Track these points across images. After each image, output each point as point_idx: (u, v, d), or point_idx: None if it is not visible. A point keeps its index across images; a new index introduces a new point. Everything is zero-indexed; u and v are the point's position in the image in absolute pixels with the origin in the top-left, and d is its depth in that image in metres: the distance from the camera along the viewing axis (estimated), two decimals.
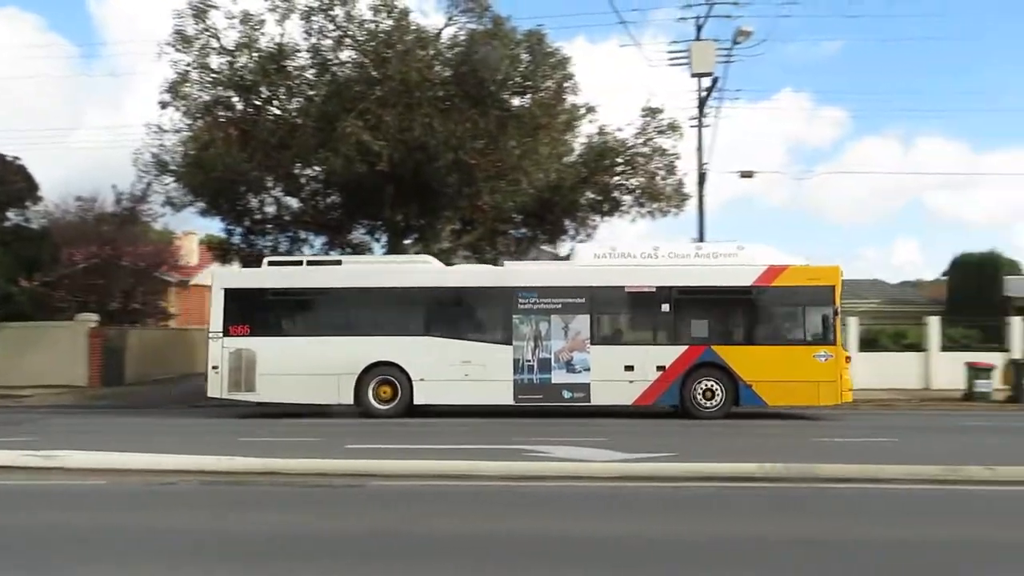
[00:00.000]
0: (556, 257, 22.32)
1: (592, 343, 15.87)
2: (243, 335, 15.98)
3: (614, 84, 35.48)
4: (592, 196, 21.82)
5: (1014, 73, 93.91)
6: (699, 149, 22.86)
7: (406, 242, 22.79)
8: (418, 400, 15.84)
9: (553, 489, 8.39)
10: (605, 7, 48.05)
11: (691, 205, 22.19)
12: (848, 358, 16.70)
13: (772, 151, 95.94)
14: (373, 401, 15.87)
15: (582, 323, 15.92)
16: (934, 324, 23.69)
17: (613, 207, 22.00)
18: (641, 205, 21.43)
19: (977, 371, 19.94)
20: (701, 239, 22.41)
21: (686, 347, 15.85)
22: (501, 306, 16.07)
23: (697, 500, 7.89)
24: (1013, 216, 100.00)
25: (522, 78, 17.88)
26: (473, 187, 18.53)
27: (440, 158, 17.30)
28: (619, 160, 20.82)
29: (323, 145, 17.75)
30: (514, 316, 15.96)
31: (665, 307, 15.98)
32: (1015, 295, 34.19)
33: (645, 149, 20.77)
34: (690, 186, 22.02)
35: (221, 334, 16.02)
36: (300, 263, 17.17)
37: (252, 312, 16.23)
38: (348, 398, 15.87)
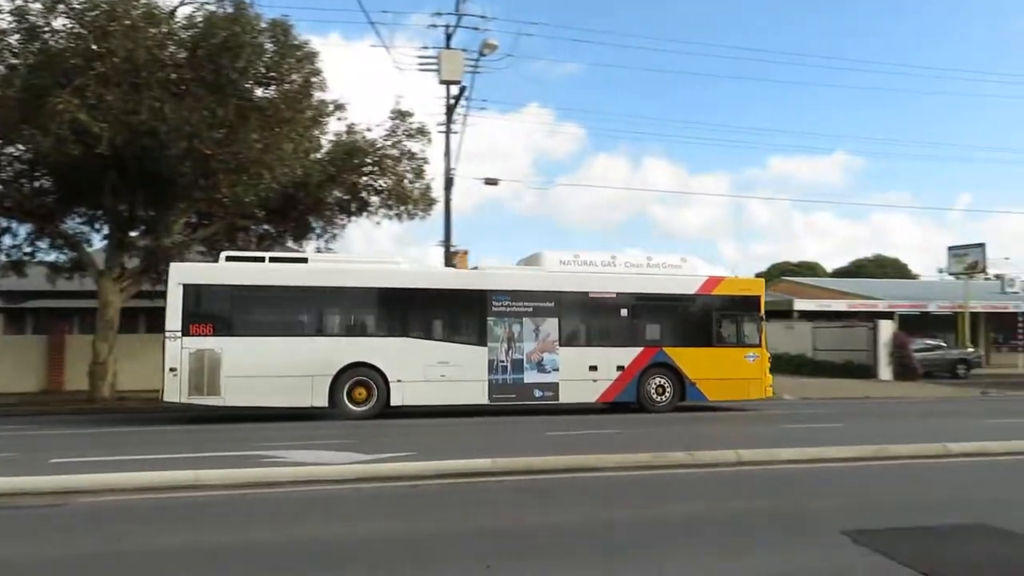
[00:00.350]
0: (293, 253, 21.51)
1: (560, 344, 16.66)
2: (206, 334, 14.91)
3: (365, 84, 35.22)
4: (339, 195, 21.48)
5: (723, 106, 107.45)
6: (447, 154, 23.49)
7: (132, 234, 20.88)
8: (395, 401, 15.70)
9: (287, 495, 8.18)
10: (357, 6, 47.41)
11: (439, 208, 22.69)
12: (769, 358, 18.53)
13: (519, 160, 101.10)
14: (348, 403, 15.49)
15: (551, 326, 16.67)
16: None
17: (361, 207, 21.83)
18: (389, 207, 21.48)
19: None
20: (447, 242, 23.01)
21: (641, 348, 17.15)
22: (476, 308, 16.37)
23: (429, 497, 8.09)
24: (716, 231, 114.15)
25: (266, 68, 17.13)
26: (210, 179, 17.41)
27: (172, 146, 16.05)
28: (368, 160, 20.70)
29: (27, 121, 15.69)
30: (488, 318, 16.36)
31: (624, 312, 17.18)
32: None
33: (394, 151, 20.85)
34: (437, 190, 22.51)
35: (179, 333, 14.78)
36: (262, 259, 16.50)
37: (216, 310, 15.31)
38: (322, 400, 15.33)
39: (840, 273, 67.56)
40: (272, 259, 16.54)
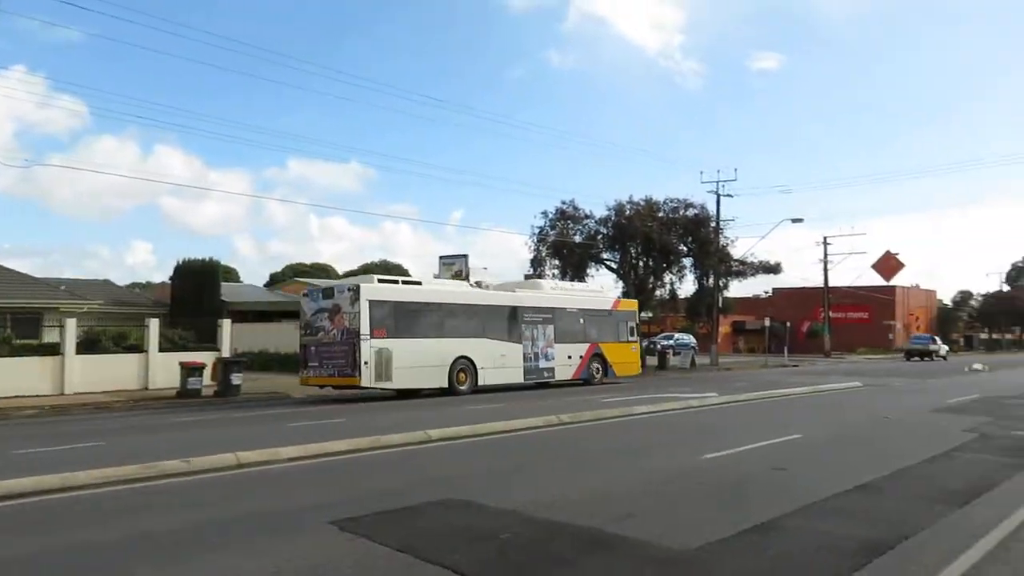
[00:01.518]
0: None
1: (554, 342, 25.62)
2: (382, 337, 20.72)
3: None
4: None
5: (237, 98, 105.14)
6: None
7: None
8: (481, 383, 23.05)
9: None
10: None
11: None
12: (639, 347, 30.48)
13: None
14: (456, 384, 22.45)
15: (551, 330, 25.57)
16: (153, 326, 24.55)
17: None
18: None
19: (189, 370, 21.49)
20: None
21: (589, 344, 27.01)
22: (517, 318, 24.62)
23: None
24: (232, 228, 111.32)
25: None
26: None
27: None
28: None
29: None
30: (522, 324, 24.70)
31: (581, 320, 26.89)
32: (230, 299, 38.07)
33: None
34: None
35: (368, 336, 20.38)
36: (396, 282, 23.41)
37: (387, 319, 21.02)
38: (444, 383, 22.21)
39: (350, 276, 71.72)
40: (404, 282, 24.01)
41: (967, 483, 9.20)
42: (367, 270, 75.96)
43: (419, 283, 23.93)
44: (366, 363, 20.19)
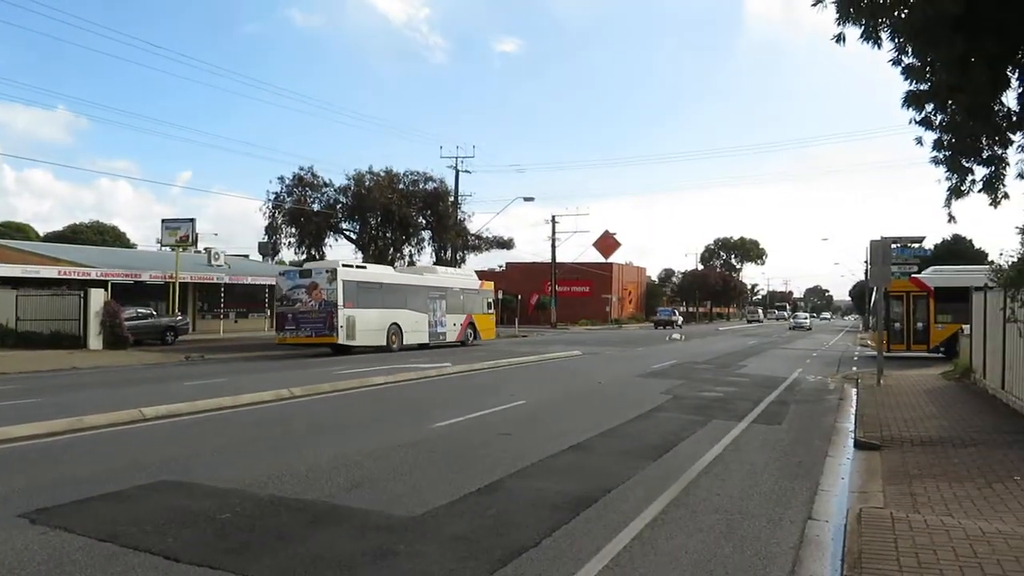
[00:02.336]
0: None
1: (446, 313, 33.11)
2: (351, 308, 27.23)
3: None
4: None
5: None
6: None
7: None
8: (405, 343, 30.29)
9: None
10: None
11: None
12: (495, 317, 39.18)
13: None
14: (390, 344, 29.32)
15: (444, 304, 33.05)
16: None
17: None
18: None
19: None
20: None
21: (465, 315, 34.65)
22: (423, 294, 31.98)
23: None
24: None
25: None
26: None
27: None
28: None
29: None
30: (427, 299, 32.09)
31: (461, 297, 34.38)
32: None
33: None
34: None
35: (342, 306, 26.88)
36: (351, 267, 29.43)
37: (352, 294, 27.42)
38: (384, 342, 29.16)
39: (54, 238, 63.38)
40: (357, 267, 30.30)
41: (663, 439, 10.42)
42: (76, 231, 67.54)
43: (365, 267, 30.86)
44: (342, 327, 26.71)
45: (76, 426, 10.32)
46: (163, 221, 38.00)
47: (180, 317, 34.92)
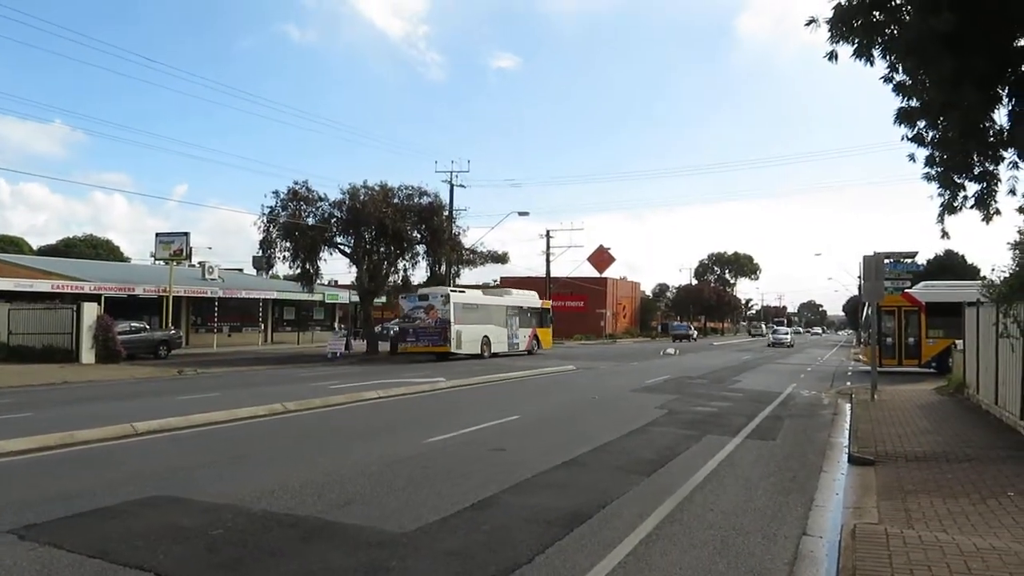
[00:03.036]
0: None
1: (519, 327, 39.92)
2: (458, 324, 35.01)
3: None
4: None
5: None
6: None
7: None
8: (492, 351, 36.78)
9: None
10: None
11: None
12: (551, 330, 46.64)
13: None
14: (483, 353, 36.05)
15: (517, 319, 39.92)
16: None
17: None
18: None
19: None
20: None
21: (531, 328, 41.36)
22: (504, 313, 39.22)
23: None
24: None
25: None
26: None
27: None
28: None
29: None
30: (506, 316, 39.07)
31: (528, 314, 41.33)
32: None
33: None
34: None
35: (454, 323, 34.57)
36: (458, 291, 37.40)
37: (459, 313, 35.28)
38: (478, 351, 35.99)
39: (48, 251, 63.22)
40: (460, 291, 37.93)
41: (657, 454, 10.39)
42: (69, 245, 67.38)
43: (464, 291, 38.23)
44: (453, 338, 33.80)
45: (68, 441, 10.26)
46: (157, 235, 37.98)
47: (173, 331, 34.85)
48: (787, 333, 69.31)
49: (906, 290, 27.40)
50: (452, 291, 35.93)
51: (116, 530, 6.30)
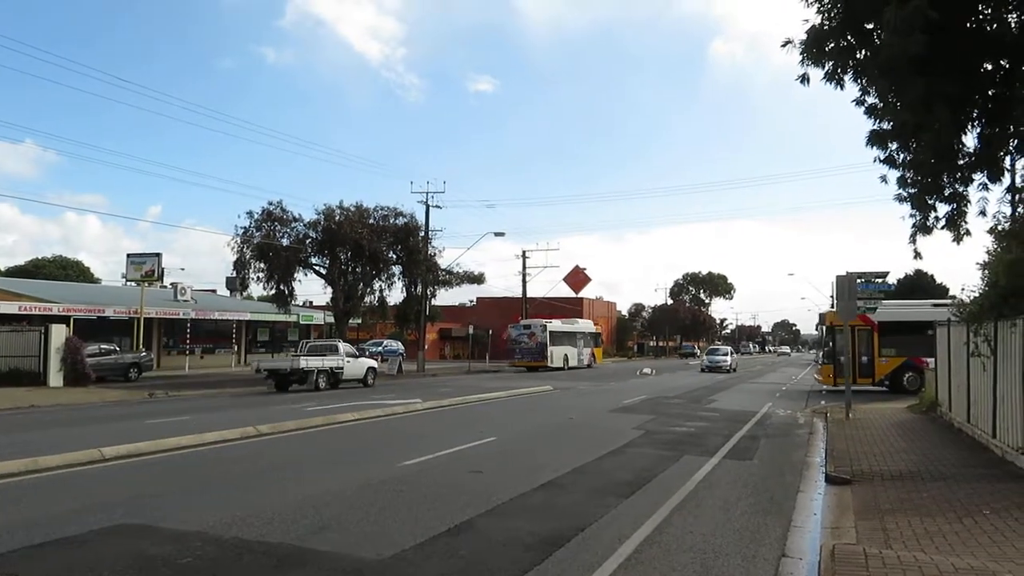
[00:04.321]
0: None
1: (583, 347, 54.51)
2: (552, 346, 50.00)
3: None
4: None
5: None
6: None
7: None
8: (569, 366, 50.48)
9: None
10: None
11: None
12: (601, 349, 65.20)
13: None
14: (565, 367, 49.53)
15: (583, 341, 54.66)
16: None
17: None
18: None
19: None
20: None
21: (590, 348, 56.75)
22: (574, 336, 53.36)
23: None
24: None
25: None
26: None
27: None
28: None
29: None
30: (578, 339, 53.72)
31: (589, 336, 57.38)
32: None
33: None
34: None
35: (551, 344, 49.36)
36: (553, 321, 52.28)
37: (551, 337, 50.04)
38: (562, 365, 49.68)
39: (15, 272, 62.11)
40: (548, 321, 51.51)
41: (635, 475, 10.34)
42: (37, 266, 66.22)
43: (553, 321, 51.17)
44: (548, 356, 47.18)
45: (31, 467, 9.97)
46: (128, 255, 37.54)
47: (144, 353, 34.27)
48: (726, 354, 53.37)
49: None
50: (547, 323, 49.86)
51: (82, 560, 6.11)
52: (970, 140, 8.63)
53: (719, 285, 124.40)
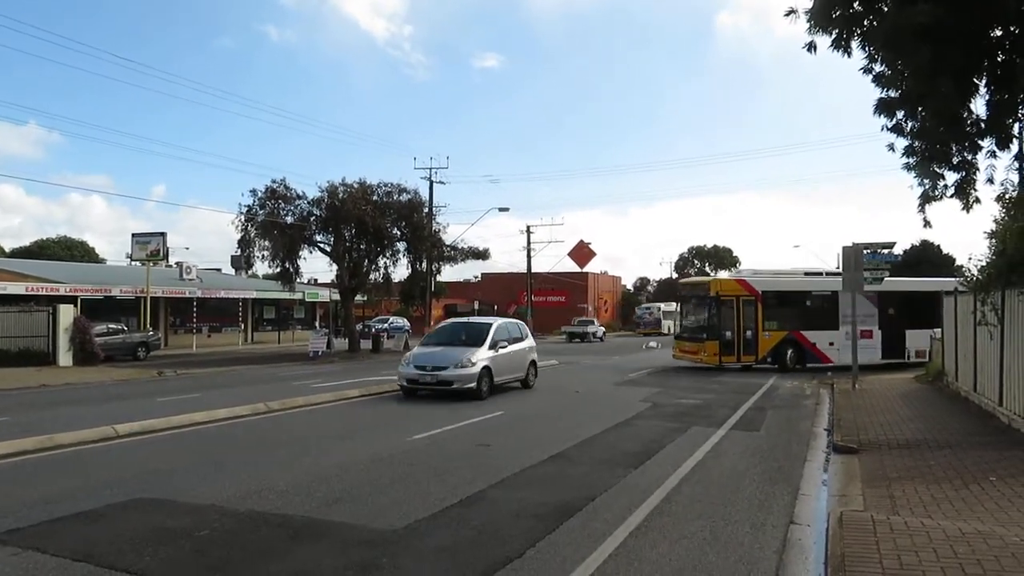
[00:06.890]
0: None
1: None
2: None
3: None
4: None
5: None
6: None
7: None
8: None
9: None
10: None
11: None
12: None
13: None
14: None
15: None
16: None
17: None
18: None
19: None
20: None
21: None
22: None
23: None
24: None
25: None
26: None
27: None
28: None
29: None
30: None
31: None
32: None
33: None
34: None
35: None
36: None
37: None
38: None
39: (20, 253, 62.27)
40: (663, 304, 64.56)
41: (643, 446, 10.43)
42: (42, 247, 66.39)
43: (661, 305, 62.22)
44: (664, 329, 57.83)
45: (46, 444, 10.10)
46: (133, 235, 37.57)
47: (152, 332, 34.45)
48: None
49: (743, 276, 25.43)
50: (661, 305, 62.80)
51: (100, 533, 6.21)
52: (978, 107, 8.59)
53: (724, 258, 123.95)
